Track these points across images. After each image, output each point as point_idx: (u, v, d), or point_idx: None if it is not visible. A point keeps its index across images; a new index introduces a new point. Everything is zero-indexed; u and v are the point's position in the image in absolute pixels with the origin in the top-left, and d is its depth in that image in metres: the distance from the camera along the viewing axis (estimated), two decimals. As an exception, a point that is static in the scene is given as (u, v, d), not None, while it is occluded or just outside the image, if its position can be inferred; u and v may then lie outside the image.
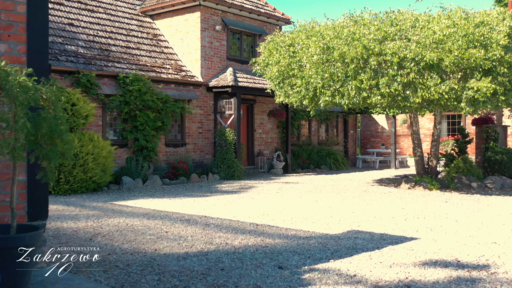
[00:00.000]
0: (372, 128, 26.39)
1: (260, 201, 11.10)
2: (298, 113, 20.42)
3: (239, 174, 16.33)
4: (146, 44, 17.21)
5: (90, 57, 14.75)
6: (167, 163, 15.89)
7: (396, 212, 9.63)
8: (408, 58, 10.75)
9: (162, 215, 8.99)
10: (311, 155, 20.54)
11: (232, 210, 9.84)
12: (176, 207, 10.22)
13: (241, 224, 8.18)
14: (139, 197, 11.71)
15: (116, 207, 10.06)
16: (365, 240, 6.96)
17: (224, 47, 17.73)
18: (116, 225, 7.93)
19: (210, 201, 11.08)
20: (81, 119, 12.67)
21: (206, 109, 17.18)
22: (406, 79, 10.77)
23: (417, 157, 14.46)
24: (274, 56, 13.11)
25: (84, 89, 13.78)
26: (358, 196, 12.17)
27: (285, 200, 11.35)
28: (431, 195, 12.39)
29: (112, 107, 14.33)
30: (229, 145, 16.40)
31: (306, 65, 11.95)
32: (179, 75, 16.55)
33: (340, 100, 11.68)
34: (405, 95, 11.00)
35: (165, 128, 15.50)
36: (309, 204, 10.66)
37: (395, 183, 15.00)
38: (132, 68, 15.35)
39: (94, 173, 12.43)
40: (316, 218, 8.86)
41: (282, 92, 13.24)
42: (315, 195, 12.31)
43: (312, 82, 11.90)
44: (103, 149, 12.73)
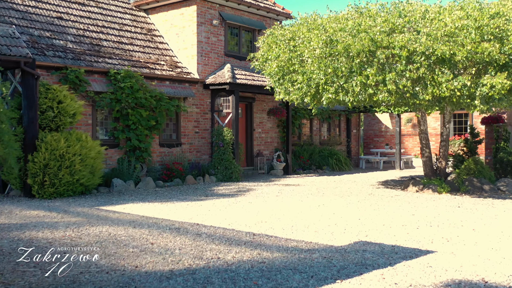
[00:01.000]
0: (375, 127, 25.58)
1: (258, 206, 10.31)
2: (299, 112, 19.62)
3: (237, 176, 15.54)
4: (139, 39, 16.42)
5: (80, 52, 13.96)
6: (161, 164, 15.11)
7: (406, 219, 8.84)
8: (418, 52, 9.95)
9: (151, 223, 8.20)
10: (313, 155, 19.73)
11: (227, 216, 9.05)
12: (167, 212, 9.44)
13: (236, 234, 7.40)
14: (129, 201, 10.93)
15: (102, 213, 9.28)
16: (375, 254, 6.18)
17: (221, 42, 16.94)
18: (97, 235, 7.15)
19: (204, 206, 10.30)
20: (68, 117, 11.88)
21: (202, 108, 16.39)
22: (416, 74, 9.97)
23: (425, 158, 13.67)
24: (273, 50, 12.29)
25: (73, 86, 13.01)
26: (363, 200, 11.39)
27: (285, 204, 10.57)
28: (441, 199, 11.59)
29: (103, 105, 13.54)
30: (226, 145, 15.62)
31: (308, 60, 11.14)
32: (174, 71, 15.76)
33: (344, 97, 10.87)
34: (414, 92, 10.19)
35: (159, 127, 14.72)
36: (311, 209, 9.87)
37: (401, 186, 14.20)
38: (125, 64, 14.57)
39: (82, 175, 11.64)
40: (319, 226, 8.07)
41: (282, 89, 12.41)
42: (317, 198, 11.53)
43: (314, 78, 11.10)
44: (91, 150, 11.94)
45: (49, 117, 11.60)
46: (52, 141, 11.31)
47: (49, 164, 11.16)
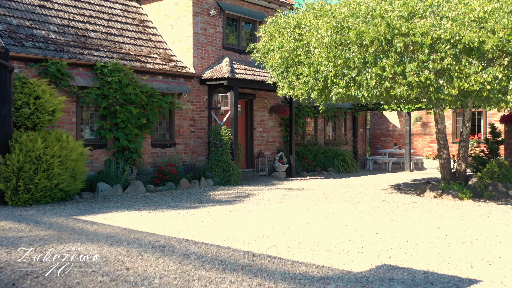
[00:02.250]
0: (382, 126, 24.29)
1: (259, 216, 9.05)
2: (303, 109, 18.34)
3: (236, 179, 14.28)
4: (131, 30, 15.15)
5: (63, 43, 12.70)
6: (153, 166, 13.85)
7: (431, 232, 7.57)
8: (442, 40, 8.67)
9: (131, 239, 6.94)
10: (317, 156, 18.45)
11: (223, 229, 7.79)
12: (154, 224, 8.18)
13: (233, 254, 6.13)
14: (113, 209, 9.67)
15: (78, 225, 8.02)
16: (405, 285, 4.91)
17: (219, 34, 15.67)
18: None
19: (197, 215, 9.04)
20: (47, 115, 10.61)
21: (199, 105, 15.12)
22: (440, 65, 8.69)
23: (442, 159, 12.39)
24: (276, 40, 10.99)
25: (54, 80, 11.75)
26: (377, 207, 10.12)
27: (290, 213, 9.30)
28: (464, 206, 10.33)
29: (88, 101, 12.28)
30: (225, 145, 14.35)
31: (315, 50, 9.87)
32: (167, 65, 14.49)
33: (356, 92, 9.59)
34: (438, 85, 8.91)
35: (150, 126, 13.46)
36: (320, 220, 8.61)
37: (416, 190, 12.94)
38: (113, 57, 13.30)
39: (61, 179, 10.37)
40: (331, 243, 6.81)
41: (286, 83, 11.11)
42: (325, 206, 10.27)
43: (322, 71, 9.82)
44: (73, 151, 10.67)
45: (24, 114, 10.34)
46: (28, 142, 10.06)
47: (24, 167, 9.90)
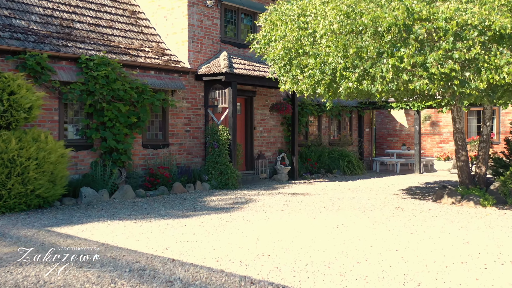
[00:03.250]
0: (389, 125, 23.17)
1: (259, 227, 7.95)
2: (306, 107, 17.22)
3: (235, 182, 13.17)
4: (121, 22, 14.04)
5: (45, 35, 11.60)
6: (144, 169, 12.74)
7: (460, 249, 6.47)
8: (469, 26, 7.56)
9: (107, 259, 5.84)
10: (321, 157, 17.34)
11: (217, 244, 6.69)
12: (137, 237, 7.08)
13: (226, 281, 5.03)
14: (94, 218, 8.57)
15: (50, 239, 6.93)
16: (447, 329, 3.81)
17: (217, 27, 14.56)
18: (18, 284, 4.78)
19: (189, 226, 7.94)
20: (22, 112, 9.52)
21: (194, 102, 14.01)
22: (466, 55, 7.57)
23: (461, 162, 11.28)
24: (278, 29, 9.87)
25: (33, 74, 10.65)
26: (392, 216, 9.01)
27: (294, 224, 8.20)
28: (489, 215, 9.22)
29: (71, 97, 11.18)
30: (222, 146, 13.26)
31: (322, 39, 8.75)
32: (160, 59, 13.38)
33: (369, 86, 8.48)
34: (463, 77, 7.80)
35: (141, 125, 12.35)
36: (328, 232, 7.50)
37: (431, 195, 11.83)
38: (100, 49, 12.20)
39: (38, 184, 9.28)
40: (345, 264, 5.70)
41: (289, 77, 9.98)
42: (333, 214, 9.16)
43: (330, 62, 8.70)
44: (52, 153, 9.58)
45: (-3, 111, 9.26)
46: (0, 142, 8.97)
47: (-5, 171, 8.82)
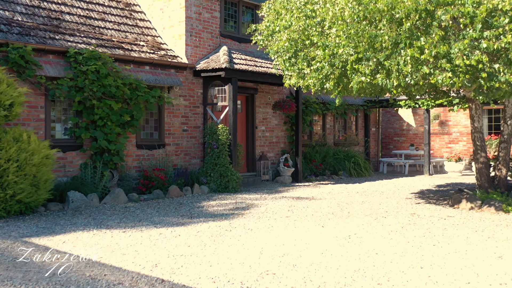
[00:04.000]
0: (395, 125, 22.31)
1: (262, 237, 7.11)
2: (310, 106, 16.36)
3: (235, 185, 12.33)
4: (114, 14, 13.20)
5: (31, 26, 10.77)
6: (138, 171, 11.91)
7: (494, 266, 5.62)
8: (499, 11, 6.72)
9: (84, 280, 5.00)
10: (326, 158, 16.48)
11: (214, 259, 5.85)
12: (125, 250, 6.24)
13: (224, 310, 4.19)
14: (79, 227, 7.73)
15: (23, 253, 6.09)
16: None
17: (216, 20, 13.72)
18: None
19: (184, 236, 7.10)
20: (2, 109, 8.69)
21: (192, 100, 13.17)
22: (496, 44, 6.73)
23: (480, 164, 10.43)
24: (283, 18, 9.03)
25: (16, 68, 9.83)
26: (409, 224, 8.16)
27: (301, 233, 7.36)
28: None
29: (59, 94, 10.35)
30: (222, 146, 12.42)
31: (332, 29, 7.91)
32: (156, 54, 12.55)
33: (384, 80, 7.63)
34: (492, 70, 6.96)
35: (135, 123, 11.52)
36: (340, 244, 6.65)
37: (446, 199, 10.99)
38: (91, 43, 11.37)
39: (19, 188, 8.45)
40: (364, 286, 4.85)
41: (295, 71, 9.12)
42: (343, 222, 8.31)
43: (340, 54, 7.86)
44: (35, 154, 8.75)
45: (-26, 108, 8.43)
46: (-23, 142, 8.15)
47: (-30, 174, 8.00)
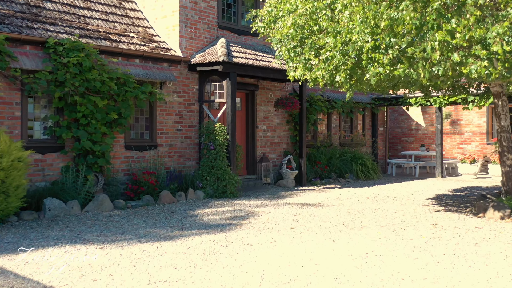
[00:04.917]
0: (403, 124, 21.19)
1: (263, 255, 6.01)
2: (315, 104, 15.25)
3: (234, 190, 11.23)
4: (102, 3, 12.11)
5: (6, 14, 9.68)
6: (127, 174, 10.82)
7: (553, 298, 4.52)
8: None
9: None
10: (332, 160, 15.39)
11: (205, 286, 4.76)
12: (97, 275, 5.15)
13: None
14: (51, 242, 6.64)
15: (-26, 277, 5.00)
16: None
17: (213, 10, 12.63)
18: None
19: (171, 254, 6.00)
20: (-34, 106, 7.62)
21: (187, 96, 12.08)
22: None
23: (507, 167, 9.32)
24: (288, 1, 7.93)
25: (-13, 60, 8.75)
26: (432, 238, 7.06)
27: (308, 250, 6.25)
28: (554, 236, 7.27)
29: (36, 89, 9.26)
30: (219, 147, 11.33)
31: (345, 11, 6.81)
32: (147, 46, 11.46)
33: (407, 70, 6.54)
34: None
35: (123, 122, 10.43)
36: (357, 266, 5.55)
37: (468, 207, 9.89)
38: (74, 33, 10.28)
39: (-16, 196, 7.38)
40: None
41: (301, 61, 8.00)
42: (356, 235, 7.21)
43: (354, 41, 6.76)
44: (3, 156, 7.68)
45: None
46: None
47: None
